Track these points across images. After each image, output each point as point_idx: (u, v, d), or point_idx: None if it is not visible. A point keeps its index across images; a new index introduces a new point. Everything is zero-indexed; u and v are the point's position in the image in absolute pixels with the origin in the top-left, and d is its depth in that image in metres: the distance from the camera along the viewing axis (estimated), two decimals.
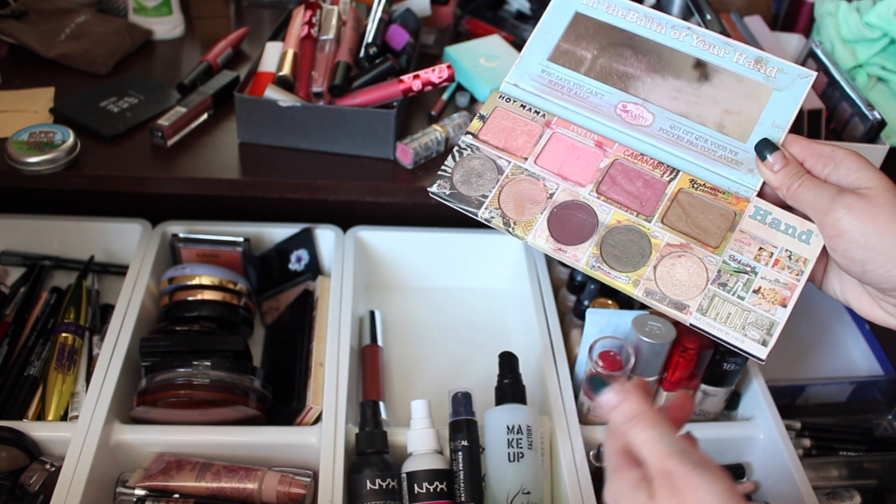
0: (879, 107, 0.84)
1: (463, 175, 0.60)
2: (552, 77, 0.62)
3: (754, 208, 0.57)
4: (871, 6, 0.93)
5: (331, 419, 0.73)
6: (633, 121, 0.60)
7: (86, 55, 0.98)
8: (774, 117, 0.58)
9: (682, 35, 0.62)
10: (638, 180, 0.59)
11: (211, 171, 0.84)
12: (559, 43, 0.63)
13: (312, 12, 0.92)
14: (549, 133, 0.61)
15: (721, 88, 0.60)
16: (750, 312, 0.53)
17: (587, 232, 0.57)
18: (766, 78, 0.59)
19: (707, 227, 0.56)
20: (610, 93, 0.61)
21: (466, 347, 0.92)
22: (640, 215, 0.57)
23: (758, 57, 0.60)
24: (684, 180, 0.58)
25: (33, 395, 0.77)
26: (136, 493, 0.69)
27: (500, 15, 1.14)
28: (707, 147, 0.59)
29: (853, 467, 0.80)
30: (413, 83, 0.84)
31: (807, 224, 0.55)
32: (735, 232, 0.56)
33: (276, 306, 0.92)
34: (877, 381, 0.92)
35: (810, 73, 0.59)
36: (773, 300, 0.54)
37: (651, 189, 0.58)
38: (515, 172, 0.60)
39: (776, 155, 0.55)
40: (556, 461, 0.74)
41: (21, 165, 0.80)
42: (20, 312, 0.85)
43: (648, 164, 0.59)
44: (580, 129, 0.61)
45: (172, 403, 0.72)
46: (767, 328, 0.53)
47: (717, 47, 0.61)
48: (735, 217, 0.56)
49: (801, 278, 0.54)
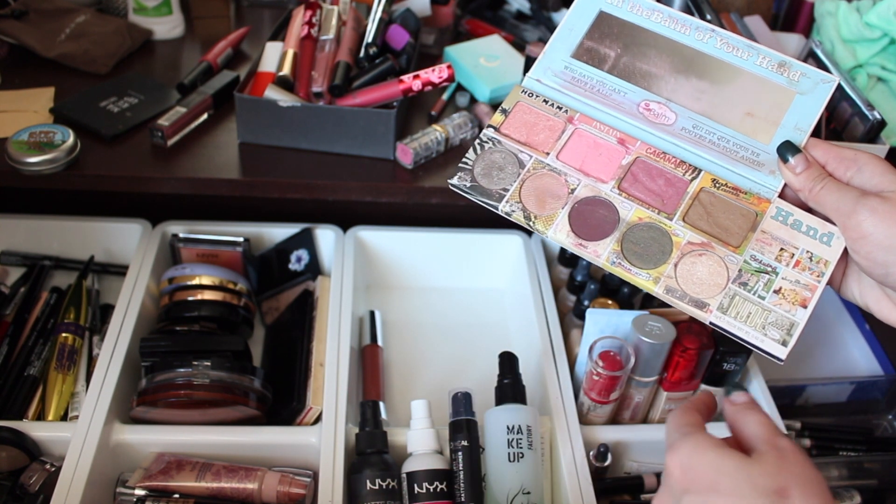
0: (879, 107, 0.84)
1: (484, 168, 0.60)
2: (575, 74, 0.63)
3: (776, 209, 0.57)
4: (871, 6, 0.93)
5: (331, 419, 0.73)
6: (655, 119, 0.60)
7: (86, 55, 0.98)
8: (797, 120, 0.58)
9: (705, 37, 0.62)
10: (660, 178, 0.59)
11: (211, 171, 0.84)
12: (583, 40, 0.63)
13: (312, 12, 0.92)
14: (572, 129, 0.61)
15: (744, 91, 0.60)
16: (770, 312, 0.53)
17: (608, 228, 0.57)
18: (789, 82, 0.60)
19: (728, 227, 0.56)
20: (633, 91, 0.61)
21: (466, 347, 0.92)
22: (662, 213, 0.57)
23: (781, 61, 0.60)
24: (706, 179, 0.58)
25: (33, 395, 0.77)
26: (136, 493, 0.69)
27: (500, 15, 1.14)
28: (729, 147, 0.59)
29: (853, 467, 0.80)
30: (413, 83, 0.84)
31: (828, 226, 0.56)
32: (756, 232, 0.56)
33: (276, 306, 0.92)
34: (877, 381, 0.92)
35: (833, 79, 0.59)
36: (793, 301, 0.54)
37: (673, 187, 0.58)
38: (537, 167, 0.60)
39: (798, 157, 0.56)
40: (556, 461, 0.74)
41: (21, 165, 0.80)
42: (20, 312, 0.85)
43: (671, 162, 0.59)
44: (603, 125, 0.61)
45: (172, 403, 0.72)
46: (787, 328, 0.53)
47: (741, 50, 0.61)
48: (756, 217, 0.56)
49: (822, 280, 0.54)
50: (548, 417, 0.76)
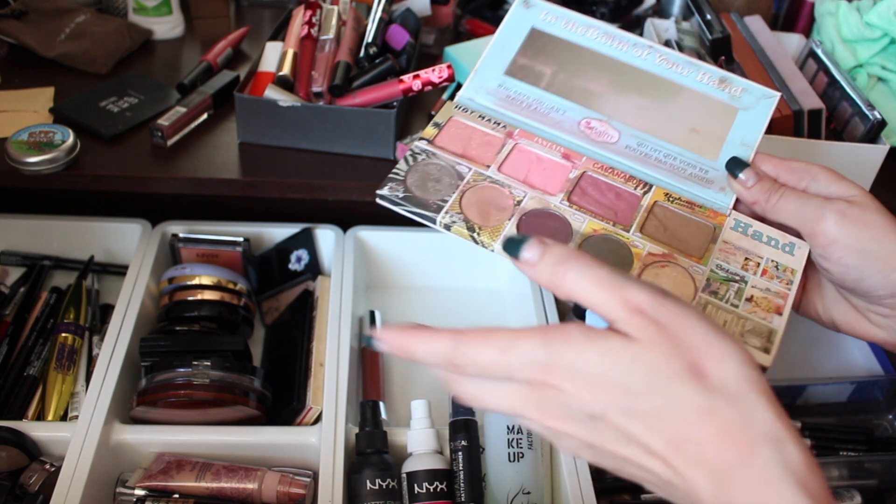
0: (880, 107, 0.84)
1: (418, 179, 0.55)
2: (510, 92, 0.60)
3: (734, 221, 0.55)
4: (872, 6, 0.93)
5: (331, 419, 0.73)
6: (598, 137, 0.58)
7: (86, 55, 0.98)
8: (742, 136, 0.57)
9: (644, 53, 0.60)
10: (610, 192, 0.56)
11: (211, 170, 0.84)
12: (516, 57, 0.61)
13: (312, 12, 0.92)
14: (512, 143, 0.58)
15: (687, 107, 0.59)
16: (747, 320, 0.52)
17: (562, 240, 0.53)
18: (731, 97, 0.59)
19: (687, 240, 0.54)
20: (572, 109, 0.59)
21: None
22: (618, 225, 0.54)
23: (722, 77, 0.59)
24: (659, 193, 0.56)
25: (33, 395, 0.77)
26: (135, 493, 0.69)
27: (500, 15, 1.14)
28: (676, 165, 0.57)
29: (853, 467, 0.80)
30: (413, 83, 0.84)
31: (788, 237, 0.55)
32: (718, 242, 0.54)
33: (276, 306, 0.92)
34: (877, 381, 0.91)
35: (774, 94, 0.59)
36: (767, 308, 0.52)
37: (625, 201, 0.56)
38: (477, 179, 0.56)
39: (748, 171, 0.55)
40: (556, 461, 0.74)
41: (21, 165, 0.80)
42: (20, 312, 0.85)
43: (620, 176, 0.57)
44: (545, 140, 0.58)
45: (172, 403, 0.72)
46: (767, 336, 0.51)
47: (682, 66, 0.60)
48: (715, 230, 0.55)
49: (792, 288, 0.53)
50: None
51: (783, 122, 0.80)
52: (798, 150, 0.77)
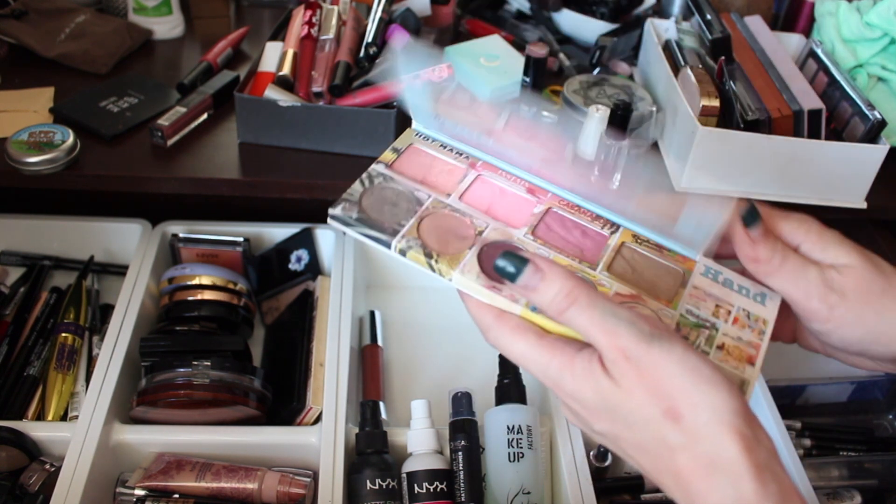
0: (880, 107, 0.84)
1: (374, 202, 0.53)
2: (455, 131, 0.57)
3: (704, 267, 0.53)
4: (872, 6, 0.93)
5: (331, 419, 0.73)
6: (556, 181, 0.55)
7: (86, 55, 0.98)
8: None
9: None
10: (576, 230, 0.54)
11: (211, 170, 0.84)
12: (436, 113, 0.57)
13: (312, 12, 0.92)
14: (475, 174, 0.56)
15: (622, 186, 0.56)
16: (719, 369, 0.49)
17: None
18: None
19: (656, 283, 0.51)
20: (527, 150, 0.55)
21: (466, 347, 0.92)
22: (584, 262, 0.52)
23: None
24: (626, 234, 0.54)
25: (33, 395, 0.77)
26: (135, 493, 0.69)
27: (500, 15, 1.14)
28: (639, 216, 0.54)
29: (854, 467, 0.80)
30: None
31: (759, 287, 0.52)
32: (688, 287, 0.51)
33: (276, 306, 0.92)
34: (877, 381, 0.92)
35: None
36: (739, 357, 0.48)
37: (591, 240, 0.53)
38: (437, 206, 0.53)
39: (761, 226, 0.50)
40: (556, 461, 0.74)
41: (21, 165, 0.80)
42: (20, 312, 0.85)
43: (586, 215, 0.54)
44: (509, 175, 0.56)
45: (172, 403, 0.72)
46: (739, 385, 0.47)
47: None
48: (684, 275, 0.52)
49: (764, 338, 0.50)
50: (548, 417, 0.76)
51: (783, 123, 0.80)
52: (798, 149, 0.77)
